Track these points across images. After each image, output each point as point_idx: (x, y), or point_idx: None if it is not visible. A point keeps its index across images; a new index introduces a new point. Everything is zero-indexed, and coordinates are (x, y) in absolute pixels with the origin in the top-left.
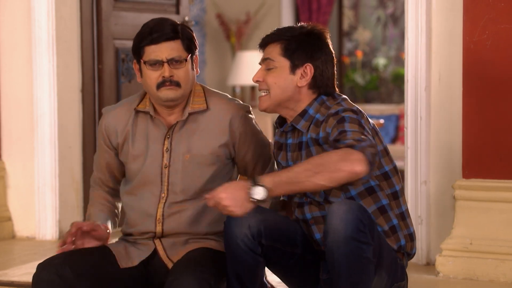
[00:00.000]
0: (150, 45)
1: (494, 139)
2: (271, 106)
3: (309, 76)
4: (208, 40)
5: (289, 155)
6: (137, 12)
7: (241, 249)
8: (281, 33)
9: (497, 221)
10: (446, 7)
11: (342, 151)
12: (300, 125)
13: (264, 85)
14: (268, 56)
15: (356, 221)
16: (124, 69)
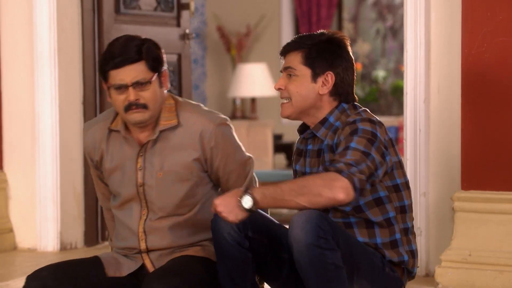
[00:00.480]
0: (114, 69)
1: (493, 151)
2: (293, 114)
3: (330, 84)
4: (208, 52)
5: (308, 161)
6: (138, 25)
7: (228, 243)
8: (302, 41)
9: (496, 232)
10: (445, 20)
11: (328, 176)
12: (320, 132)
13: (285, 93)
14: (289, 65)
15: (315, 228)
16: None
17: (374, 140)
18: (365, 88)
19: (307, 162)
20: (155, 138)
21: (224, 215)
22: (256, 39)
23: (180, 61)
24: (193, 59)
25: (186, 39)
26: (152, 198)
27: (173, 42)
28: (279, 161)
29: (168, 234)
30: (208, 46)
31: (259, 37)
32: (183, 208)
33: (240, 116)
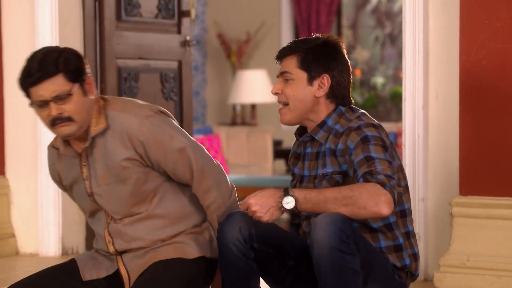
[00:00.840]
0: (32, 86)
1: (491, 156)
2: (293, 119)
3: (326, 86)
4: (209, 59)
5: (307, 164)
6: (139, 32)
7: (233, 254)
8: (297, 46)
9: (494, 237)
10: (443, 27)
11: (372, 188)
12: (318, 135)
13: (283, 97)
14: (285, 69)
15: (338, 232)
16: (126, 88)
17: (387, 147)
18: (364, 95)
19: (306, 165)
20: (89, 145)
21: (259, 215)
22: (256, 46)
23: (180, 68)
24: (193, 65)
25: (186, 46)
26: (103, 204)
27: (174, 49)
28: (279, 167)
29: (133, 234)
30: (209, 53)
31: (259, 44)
32: (136, 207)
33: (240, 122)
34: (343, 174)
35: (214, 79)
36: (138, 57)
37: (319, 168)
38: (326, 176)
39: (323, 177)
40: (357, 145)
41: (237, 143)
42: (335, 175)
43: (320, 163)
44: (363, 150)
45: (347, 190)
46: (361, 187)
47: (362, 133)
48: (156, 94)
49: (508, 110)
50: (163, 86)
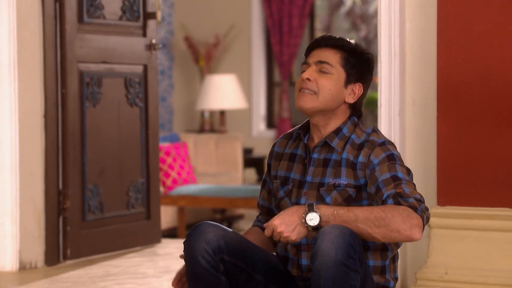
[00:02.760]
0: None
1: (470, 165)
2: (315, 108)
3: (357, 95)
4: (176, 63)
5: (311, 169)
6: (102, 34)
7: (201, 267)
8: (344, 43)
9: (473, 249)
10: (420, 30)
11: (404, 212)
12: (334, 143)
13: (313, 85)
14: (327, 60)
15: (347, 246)
16: (89, 94)
17: (409, 170)
18: None
19: (310, 171)
20: None
21: (286, 234)
22: (225, 50)
23: (146, 73)
24: (159, 70)
25: (152, 50)
26: None
27: (138, 52)
28: (249, 176)
29: None
30: (176, 56)
31: (228, 48)
32: None
33: (209, 129)
34: (357, 188)
35: (181, 84)
36: (101, 61)
37: (328, 177)
38: (338, 187)
39: (334, 187)
40: (382, 161)
41: (206, 151)
42: (349, 188)
43: (330, 171)
44: (390, 169)
45: (379, 211)
46: (393, 210)
47: (387, 150)
48: (120, 99)
49: (488, 117)
50: (128, 91)
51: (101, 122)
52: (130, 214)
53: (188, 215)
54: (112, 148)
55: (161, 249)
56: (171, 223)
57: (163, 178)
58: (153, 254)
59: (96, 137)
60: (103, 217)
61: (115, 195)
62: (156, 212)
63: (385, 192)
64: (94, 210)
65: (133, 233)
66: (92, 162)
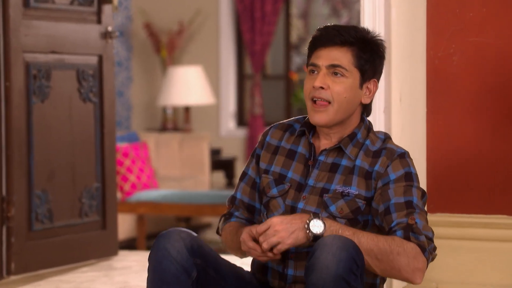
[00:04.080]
0: None
1: (463, 167)
2: (332, 122)
3: (372, 93)
4: (135, 53)
5: (315, 172)
6: (52, 21)
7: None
8: (351, 36)
9: (466, 261)
10: (407, 18)
11: (412, 251)
12: (348, 149)
13: (328, 94)
14: (340, 63)
15: (350, 261)
16: (36, 87)
17: (424, 191)
18: None
19: (314, 174)
20: None
21: (283, 234)
22: (191, 38)
23: (101, 64)
24: (116, 61)
25: (108, 38)
26: None
27: (93, 41)
28: (217, 179)
29: None
30: (134, 46)
31: (194, 36)
32: None
33: (172, 128)
34: (367, 200)
35: (140, 77)
36: (50, 51)
37: (335, 183)
38: (347, 197)
39: (342, 196)
40: (399, 179)
41: (168, 152)
42: (359, 200)
43: (338, 177)
44: (405, 192)
45: (385, 244)
46: (401, 246)
47: (406, 165)
48: (72, 94)
49: (484, 113)
50: (80, 85)
51: (50, 119)
52: (83, 223)
53: (148, 224)
54: (63, 149)
55: (118, 262)
56: (129, 233)
57: (120, 183)
58: (109, 268)
59: (45, 137)
60: (53, 226)
61: (66, 201)
62: (113, 221)
63: (395, 219)
64: (42, 218)
65: (87, 244)
66: (40, 165)
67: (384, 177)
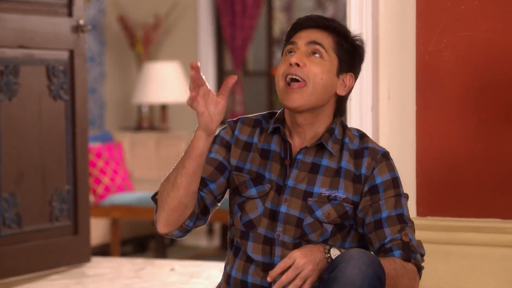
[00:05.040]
0: None
1: (454, 169)
2: (307, 104)
3: (348, 87)
4: (108, 48)
5: (294, 172)
6: (21, 14)
7: None
8: (336, 25)
9: (457, 267)
10: (396, 11)
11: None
12: (329, 145)
13: (303, 72)
14: (321, 42)
15: (375, 279)
16: (3, 84)
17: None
18: None
19: (293, 174)
20: None
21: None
22: (167, 32)
23: (72, 59)
24: (88, 56)
25: (80, 32)
26: None
27: (63, 35)
28: None
29: None
30: (108, 40)
31: (170, 30)
32: None
33: (148, 127)
34: (354, 205)
35: (114, 73)
36: (18, 45)
37: (318, 186)
38: (334, 201)
39: (328, 200)
40: (387, 186)
41: (144, 153)
42: (347, 204)
43: (321, 179)
44: (396, 204)
45: (390, 269)
46: (403, 269)
47: (391, 169)
48: (42, 91)
49: (476, 112)
50: (51, 81)
51: (18, 118)
52: (54, 228)
53: (123, 229)
54: (32, 150)
55: (91, 269)
56: (102, 238)
57: (93, 185)
58: (82, 275)
59: (13, 136)
60: (22, 231)
61: (35, 205)
62: (85, 226)
63: (389, 236)
64: (10, 223)
65: (58, 250)
66: (7, 166)
67: (370, 180)
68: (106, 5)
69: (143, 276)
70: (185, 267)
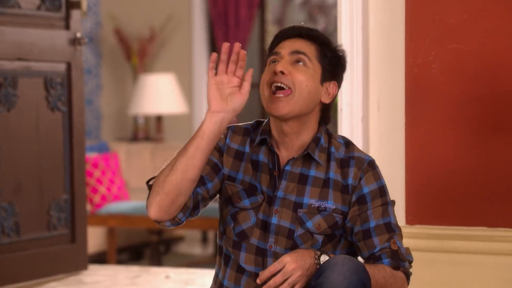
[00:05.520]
0: None
1: (443, 178)
2: (293, 112)
3: (331, 95)
4: (104, 60)
5: (283, 184)
6: (19, 27)
7: None
8: (318, 34)
9: (446, 275)
10: (386, 24)
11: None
12: (316, 155)
13: (288, 79)
14: (305, 51)
15: (359, 285)
16: (2, 96)
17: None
18: None
19: (282, 185)
20: None
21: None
22: (163, 45)
23: (69, 71)
24: (85, 68)
25: (77, 45)
26: None
27: (60, 48)
28: None
29: None
30: (104, 52)
31: (166, 43)
32: None
33: (143, 138)
34: (344, 215)
35: (110, 84)
36: (16, 58)
37: (307, 196)
38: (324, 212)
39: (318, 211)
40: (374, 196)
41: (140, 163)
42: (336, 214)
43: (309, 190)
44: (383, 213)
45: (380, 277)
46: (392, 277)
47: (378, 178)
48: (39, 103)
49: (464, 123)
50: (48, 93)
51: (16, 129)
52: (52, 237)
53: (119, 237)
54: (30, 160)
55: (88, 277)
56: (99, 246)
57: (90, 195)
58: (79, 283)
59: (11, 147)
60: (20, 240)
61: (33, 214)
62: (82, 234)
63: (378, 245)
64: (9, 232)
65: (55, 258)
66: (6, 176)
67: (357, 190)
68: (102, 18)
69: (139, 283)
70: (180, 275)
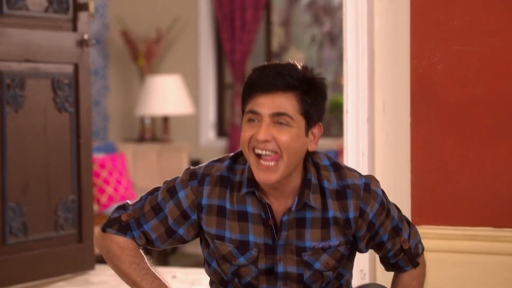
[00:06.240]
0: None
1: (448, 179)
2: (284, 174)
3: (317, 137)
4: (111, 62)
5: (283, 234)
6: (26, 28)
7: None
8: (296, 78)
9: (452, 275)
10: (391, 26)
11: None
12: (312, 200)
13: (273, 145)
14: (285, 111)
15: None
16: (10, 97)
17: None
18: None
19: (283, 236)
20: None
21: None
22: (169, 46)
23: (77, 73)
24: (93, 70)
25: (84, 46)
26: None
27: (68, 49)
28: None
29: None
30: (111, 54)
31: (172, 44)
32: None
33: (150, 138)
34: (349, 243)
35: (117, 86)
36: (24, 59)
37: (308, 239)
38: (329, 250)
39: (323, 251)
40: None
41: (146, 163)
42: (341, 247)
43: (310, 232)
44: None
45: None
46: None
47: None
48: (47, 104)
49: (468, 123)
50: (56, 94)
51: (24, 130)
52: (59, 237)
53: None
54: (38, 160)
55: (95, 276)
56: None
57: (97, 195)
58: (86, 283)
59: (19, 147)
60: (27, 240)
61: (41, 214)
62: (89, 234)
63: (392, 250)
64: (16, 232)
65: (63, 258)
66: (14, 177)
67: (363, 217)
68: (109, 20)
69: None
70: (186, 275)
